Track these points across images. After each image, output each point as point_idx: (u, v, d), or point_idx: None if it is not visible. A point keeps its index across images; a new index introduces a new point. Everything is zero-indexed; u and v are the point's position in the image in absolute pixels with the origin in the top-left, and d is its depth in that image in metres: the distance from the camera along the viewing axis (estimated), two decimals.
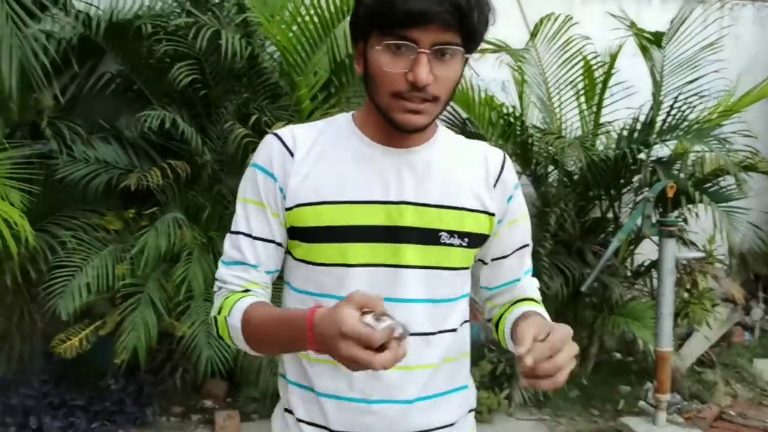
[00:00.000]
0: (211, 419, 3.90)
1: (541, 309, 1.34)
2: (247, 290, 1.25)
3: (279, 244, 1.27)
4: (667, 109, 4.39)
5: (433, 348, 1.26)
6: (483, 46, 4.70)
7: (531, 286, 1.42)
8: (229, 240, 1.29)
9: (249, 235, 1.26)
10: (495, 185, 1.30)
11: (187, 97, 3.72)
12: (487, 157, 1.32)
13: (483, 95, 4.37)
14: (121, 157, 3.57)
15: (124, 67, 3.84)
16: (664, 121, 4.40)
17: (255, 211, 1.26)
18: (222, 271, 1.28)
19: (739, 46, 5.49)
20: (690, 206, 4.43)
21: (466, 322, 1.35)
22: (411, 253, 1.22)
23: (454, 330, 1.30)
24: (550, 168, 4.64)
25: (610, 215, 4.68)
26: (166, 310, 3.37)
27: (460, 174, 1.28)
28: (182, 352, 3.60)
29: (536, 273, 4.07)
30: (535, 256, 4.09)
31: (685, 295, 4.61)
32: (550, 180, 4.66)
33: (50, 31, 3.68)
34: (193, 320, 3.39)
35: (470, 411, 1.39)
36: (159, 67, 3.68)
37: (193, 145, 3.49)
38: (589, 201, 4.63)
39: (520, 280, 1.39)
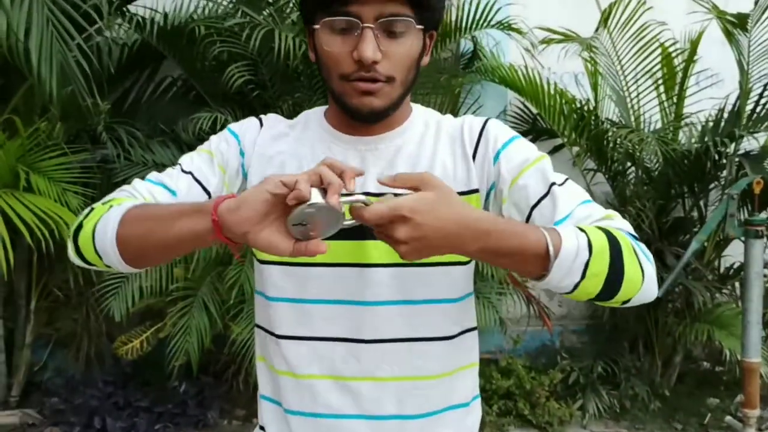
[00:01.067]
0: None
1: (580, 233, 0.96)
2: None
3: (205, 190, 1.14)
4: (756, 98, 4.05)
5: (416, 358, 1.12)
6: (550, 36, 4.44)
7: (597, 217, 1.04)
8: (164, 170, 1.17)
9: (183, 170, 1.14)
10: (474, 155, 1.14)
11: (244, 99, 3.69)
12: (463, 128, 1.16)
13: (554, 88, 4.15)
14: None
15: (182, 71, 3.86)
16: (753, 111, 4.06)
17: (203, 156, 1.17)
18: (138, 184, 1.13)
19: None
20: None
21: (470, 330, 1.20)
22: (377, 249, 1.09)
23: (447, 338, 1.15)
24: (628, 164, 4.36)
25: (694, 214, 4.35)
26: (219, 313, 3.34)
27: (432, 156, 1.14)
28: (244, 355, 3.58)
29: None
30: None
31: None
32: (627, 178, 4.38)
33: (113, 38, 3.75)
34: (247, 323, 3.36)
35: None
36: (215, 70, 3.68)
37: None
38: (670, 199, 4.31)
39: (563, 220, 1.03)
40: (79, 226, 1.05)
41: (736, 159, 3.95)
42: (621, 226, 1.02)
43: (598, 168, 4.38)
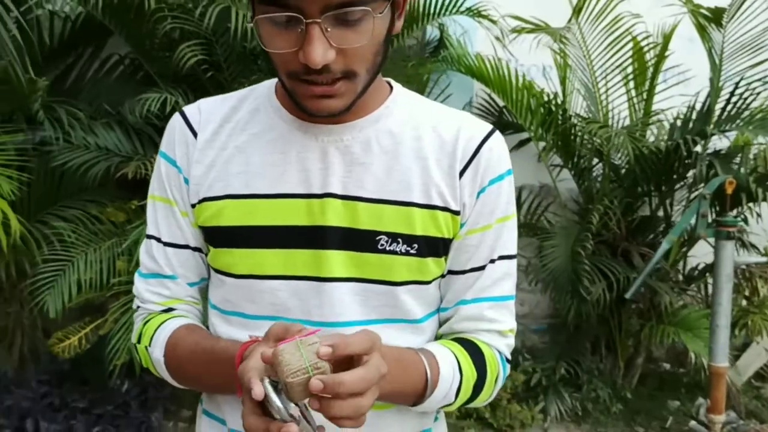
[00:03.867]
0: None
1: (465, 359, 0.97)
2: (169, 309, 1.04)
3: (196, 249, 1.02)
4: (727, 96, 3.97)
5: None
6: (521, 25, 4.26)
7: (492, 328, 1.00)
8: (144, 246, 1.05)
9: (159, 240, 1.02)
10: (463, 172, 0.96)
11: (197, 80, 3.45)
12: (460, 132, 0.97)
13: (521, 80, 4.00)
14: (124, 144, 3.33)
15: (130, 48, 3.60)
16: (723, 109, 3.98)
17: (163, 211, 1.02)
18: (138, 286, 1.06)
19: None
20: (751, 205, 3.99)
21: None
22: (337, 261, 0.93)
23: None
24: (595, 161, 4.26)
25: (660, 214, 4.27)
26: None
27: (414, 157, 0.95)
28: None
29: (577, 277, 3.56)
30: (576, 258, 3.74)
31: (744, 303, 4.18)
32: (594, 174, 4.27)
33: (55, 11, 3.48)
34: None
35: None
36: (166, 48, 3.43)
37: None
38: (637, 198, 4.22)
39: (469, 302, 1.00)
40: (136, 349, 1.05)
41: (707, 158, 3.87)
42: (504, 349, 1.03)
43: (565, 164, 4.27)
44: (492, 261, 0.99)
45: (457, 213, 0.96)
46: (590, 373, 4.17)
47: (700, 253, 4.23)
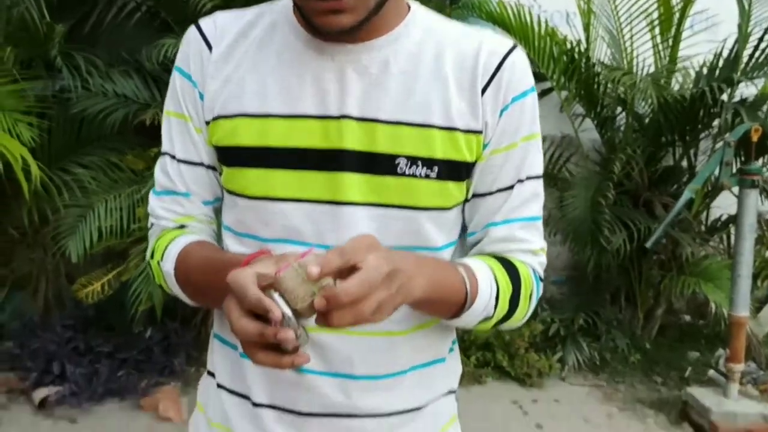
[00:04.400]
0: None
1: (503, 275, 0.94)
2: (182, 226, 1.01)
3: (209, 167, 1.00)
4: (755, 42, 3.86)
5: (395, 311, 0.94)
6: None
7: (524, 248, 0.98)
8: (158, 164, 1.03)
9: (173, 157, 1.00)
10: (485, 89, 0.91)
11: None
12: (481, 48, 0.93)
13: (544, 27, 3.92)
14: (141, 91, 3.33)
15: None
16: (752, 56, 3.87)
17: (177, 126, 0.99)
18: (153, 203, 1.03)
19: None
20: None
21: None
22: (354, 185, 0.90)
23: None
24: (618, 110, 4.18)
25: (684, 164, 4.20)
26: None
27: (433, 77, 0.91)
28: None
29: (597, 227, 3.50)
30: (597, 208, 3.70)
31: (767, 254, 4.13)
32: (617, 125, 4.20)
33: None
34: None
35: (449, 392, 1.06)
36: None
37: None
38: (660, 147, 4.16)
39: (497, 224, 0.97)
40: (149, 265, 1.04)
41: (733, 106, 3.78)
42: (537, 267, 1.01)
43: (587, 114, 4.20)
44: (520, 181, 0.96)
45: (479, 132, 0.92)
46: (609, 324, 4.16)
47: (724, 205, 4.17)
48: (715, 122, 4.04)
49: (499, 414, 3.47)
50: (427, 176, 0.90)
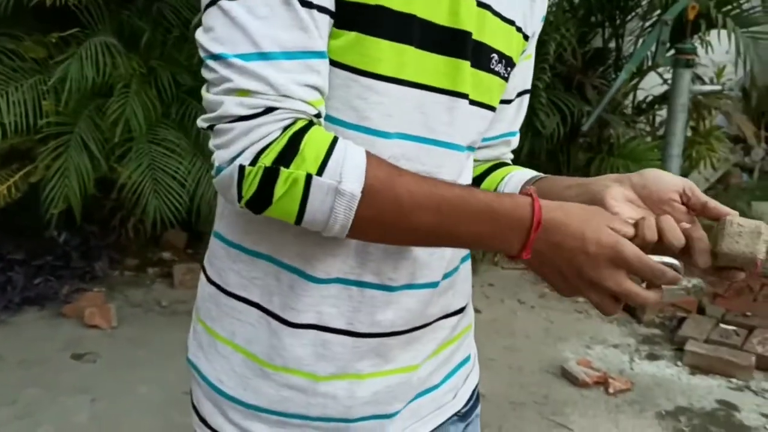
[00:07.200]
0: (169, 272, 3.56)
1: None
2: (319, 115, 0.68)
3: (331, 14, 0.68)
4: None
5: None
6: None
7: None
8: (258, 10, 0.64)
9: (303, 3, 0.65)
10: None
11: None
12: None
13: None
14: None
15: None
16: None
17: None
18: (269, 73, 0.64)
19: None
20: (699, 35, 3.90)
21: None
22: (467, 75, 0.77)
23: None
24: None
25: (612, 45, 4.15)
26: (103, 153, 2.88)
27: None
28: (135, 201, 3.17)
29: (533, 111, 3.47)
30: (533, 93, 3.61)
31: (688, 133, 4.21)
32: (549, 2, 4.07)
33: None
34: (137, 165, 2.92)
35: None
36: None
37: None
38: (591, 28, 4.07)
39: (516, 134, 0.98)
40: (276, 175, 0.64)
41: None
42: None
43: None
44: (527, 91, 0.95)
45: (527, 39, 0.87)
46: None
47: (648, 86, 4.19)
48: (644, 1, 3.98)
49: None
50: (503, 76, 0.83)
